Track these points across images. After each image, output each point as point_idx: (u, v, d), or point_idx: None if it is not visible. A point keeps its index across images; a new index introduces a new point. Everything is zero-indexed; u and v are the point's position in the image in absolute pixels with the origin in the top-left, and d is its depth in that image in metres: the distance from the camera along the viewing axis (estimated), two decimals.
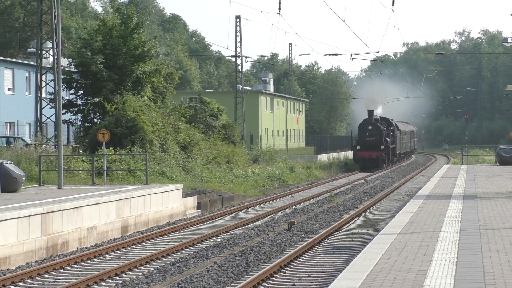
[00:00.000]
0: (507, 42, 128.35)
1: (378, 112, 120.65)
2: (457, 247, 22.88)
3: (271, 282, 25.18)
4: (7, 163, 41.99)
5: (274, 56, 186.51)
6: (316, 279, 25.22)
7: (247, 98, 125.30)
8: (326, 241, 34.05)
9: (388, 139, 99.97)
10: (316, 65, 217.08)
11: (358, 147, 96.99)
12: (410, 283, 17.52)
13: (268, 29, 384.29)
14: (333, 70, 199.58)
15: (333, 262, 27.97)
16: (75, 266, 28.96)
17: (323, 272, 26.46)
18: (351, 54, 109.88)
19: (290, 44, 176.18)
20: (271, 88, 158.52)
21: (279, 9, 73.81)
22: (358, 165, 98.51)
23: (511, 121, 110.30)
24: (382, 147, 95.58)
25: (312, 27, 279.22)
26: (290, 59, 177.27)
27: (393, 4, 73.67)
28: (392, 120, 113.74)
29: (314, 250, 31.51)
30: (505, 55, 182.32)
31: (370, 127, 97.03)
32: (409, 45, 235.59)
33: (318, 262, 28.68)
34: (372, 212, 45.88)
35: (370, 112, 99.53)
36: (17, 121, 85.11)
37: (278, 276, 26.11)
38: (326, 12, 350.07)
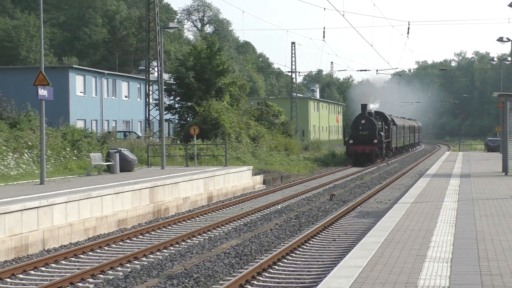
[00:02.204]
0: (493, 61, 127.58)
1: (374, 107, 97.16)
2: (456, 213, 22.75)
3: (318, 238, 25.14)
4: (124, 150, 42.32)
5: (319, 71, 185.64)
6: (351, 236, 25.14)
7: (300, 102, 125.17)
8: (358, 208, 33.92)
9: (383, 134, 77.54)
10: (350, 78, 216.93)
11: (351, 142, 74.38)
12: (420, 239, 17.47)
13: (315, 51, 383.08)
14: (363, 82, 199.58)
15: (363, 224, 27.85)
16: (174, 225, 29.07)
17: (356, 230, 26.37)
18: (377, 70, 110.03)
19: (332, 62, 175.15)
20: (317, 95, 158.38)
21: (323, 37, 76.44)
22: (351, 160, 75.56)
23: (496, 119, 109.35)
24: (375, 141, 73.65)
25: (348, 50, 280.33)
26: (332, 74, 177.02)
27: (408, 33, 76.28)
28: (390, 115, 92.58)
29: (349, 215, 31.39)
30: (492, 70, 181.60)
31: (363, 121, 74.67)
32: (419, 63, 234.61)
33: (352, 224, 28.58)
34: (393, 186, 45.66)
35: (364, 106, 77.04)
36: (131, 119, 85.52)
37: (323, 234, 26.07)
38: (358, 39, 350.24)
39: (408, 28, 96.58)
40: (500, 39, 62.88)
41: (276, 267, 20.02)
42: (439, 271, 13.59)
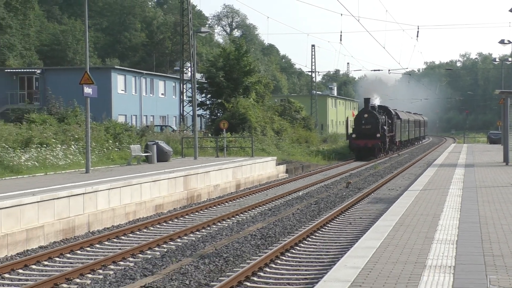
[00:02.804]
0: (495, 61, 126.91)
1: (377, 101, 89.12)
2: (461, 199, 22.67)
3: (336, 221, 25.11)
4: (161, 143, 42.40)
5: (337, 71, 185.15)
6: (365, 220, 25.10)
7: (319, 99, 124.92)
8: (372, 195, 33.84)
9: (386, 127, 69.64)
10: (365, 77, 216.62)
11: (353, 136, 67.12)
12: (428, 222, 17.43)
13: (333, 53, 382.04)
14: (375, 80, 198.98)
15: (376, 209, 27.79)
16: (206, 210, 29.13)
17: (370, 215, 26.32)
18: (389, 70, 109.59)
19: (348, 63, 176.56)
20: (335, 92, 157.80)
21: (340, 40, 74.79)
22: (353, 154, 68.64)
23: (498, 114, 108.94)
24: (378, 135, 66.32)
25: (363, 51, 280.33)
26: (348, 73, 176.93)
27: (417, 36, 78.06)
28: (395, 109, 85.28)
29: (364, 201, 31.33)
30: (494, 70, 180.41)
31: (366, 115, 67.49)
32: (428, 63, 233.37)
33: (366, 209, 28.52)
34: (403, 175, 45.52)
35: (366, 100, 69.96)
36: (167, 115, 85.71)
37: (340, 218, 26.04)
38: (372, 42, 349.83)
39: (418, 31, 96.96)
40: (502, 42, 62.45)
41: (298, 247, 20.04)
42: (445, 252, 13.58)
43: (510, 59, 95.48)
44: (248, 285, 15.69)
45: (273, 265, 17.71)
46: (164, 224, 25.32)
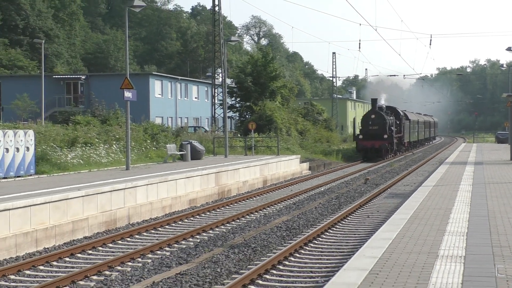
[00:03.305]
0: (503, 67, 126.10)
1: (383, 101, 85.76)
2: (470, 194, 22.56)
3: (355, 214, 25.05)
4: (194, 142, 42.49)
5: (355, 76, 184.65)
6: (382, 213, 25.00)
7: (339, 102, 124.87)
8: (388, 190, 33.73)
9: (394, 128, 63.49)
10: (382, 82, 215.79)
11: (360, 137, 61.34)
12: (440, 216, 17.36)
13: (352, 60, 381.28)
14: (391, 85, 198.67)
15: (392, 203, 27.69)
16: (235, 204, 29.13)
17: (386, 209, 26.22)
18: (404, 75, 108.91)
19: (366, 69, 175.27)
20: (354, 96, 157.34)
21: (359, 48, 74.67)
22: (360, 155, 62.71)
23: (505, 116, 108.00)
24: (386, 136, 60.41)
25: (379, 58, 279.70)
26: (366, 78, 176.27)
27: (430, 44, 76.07)
28: (404, 110, 79.49)
29: (381, 196, 31.23)
30: (501, 75, 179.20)
31: (373, 116, 61.62)
32: (440, 69, 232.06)
33: (383, 203, 28.43)
34: (417, 172, 45.32)
35: (374, 101, 64.50)
36: (200, 117, 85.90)
37: (359, 211, 25.97)
38: (388, 49, 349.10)
39: (430, 40, 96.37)
40: (509, 49, 61.93)
41: (320, 239, 20.02)
42: (456, 243, 13.52)
43: None
44: (274, 273, 15.69)
45: (297, 255, 17.70)
46: (197, 216, 25.37)
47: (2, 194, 20.87)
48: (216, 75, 74.31)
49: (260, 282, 14.81)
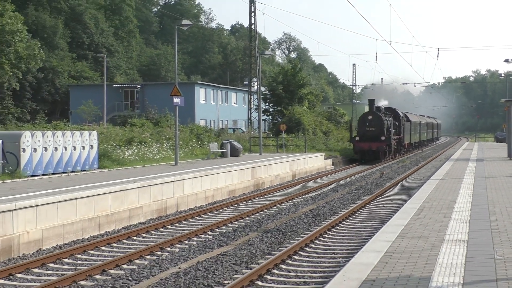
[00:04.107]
0: (501, 76, 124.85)
1: (384, 103, 77.49)
2: (473, 187, 22.37)
3: (371, 204, 24.94)
4: (233, 141, 42.56)
5: (373, 84, 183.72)
6: (395, 203, 24.85)
7: (358, 107, 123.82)
8: (401, 183, 33.54)
9: (393, 130, 54.78)
10: (396, 90, 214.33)
11: (357, 138, 52.61)
12: (446, 205, 17.25)
13: (369, 70, 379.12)
14: (404, 92, 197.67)
15: (404, 194, 27.53)
16: (268, 195, 29.15)
17: (399, 199, 26.06)
18: (415, 83, 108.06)
19: (382, 78, 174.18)
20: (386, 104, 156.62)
21: (376, 59, 75.24)
22: (357, 157, 53.62)
23: (503, 119, 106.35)
24: (383, 138, 51.69)
25: (394, 68, 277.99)
26: (382, 86, 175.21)
27: (437, 56, 76.43)
28: (406, 111, 71.41)
29: (394, 188, 31.06)
30: (499, 83, 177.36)
31: (370, 117, 52.58)
32: (446, 78, 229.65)
33: (396, 194, 28.27)
34: (426, 167, 45.02)
35: (371, 101, 55.11)
36: (238, 119, 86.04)
37: (375, 201, 25.84)
38: (401, 61, 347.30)
39: (438, 52, 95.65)
40: (506, 60, 61.25)
41: (341, 225, 19.97)
42: (460, 229, 13.44)
43: None
44: (302, 254, 15.69)
45: (322, 239, 17.67)
46: (236, 205, 25.42)
47: (71, 185, 21.11)
48: (252, 83, 74.37)
49: (290, 262, 14.81)
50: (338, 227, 19.51)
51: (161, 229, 19.66)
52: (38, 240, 16.74)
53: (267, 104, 67.75)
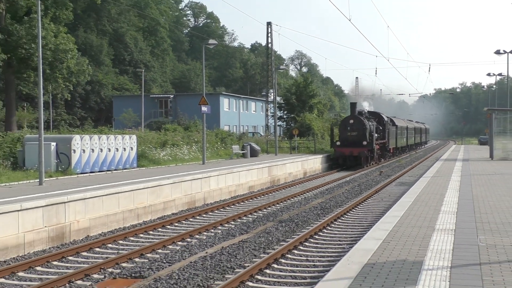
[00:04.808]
0: (484, 88, 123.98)
1: (365, 106, 69.31)
2: (459, 183, 22.21)
3: (371, 198, 24.80)
4: (252, 144, 42.48)
5: (373, 94, 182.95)
6: (393, 197, 24.70)
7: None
8: (397, 180, 33.36)
9: (376, 134, 46.19)
10: (392, 99, 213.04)
11: (338, 143, 44.03)
12: (436, 199, 17.13)
13: (370, 82, 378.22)
14: (400, 101, 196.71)
15: (400, 189, 27.39)
16: (283, 190, 29.06)
17: (396, 194, 25.91)
18: (409, 94, 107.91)
19: (381, 89, 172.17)
20: (372, 109, 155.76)
21: (376, 73, 74.41)
22: (339, 163, 43.85)
23: (485, 124, 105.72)
24: (365, 143, 43.53)
25: (391, 80, 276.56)
26: (381, 96, 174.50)
27: (429, 70, 75.75)
28: (394, 117, 63.64)
29: (391, 184, 30.90)
30: (482, 94, 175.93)
31: (351, 121, 44.41)
32: (436, 89, 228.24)
33: (393, 189, 28.11)
34: (419, 166, 44.73)
35: (353, 105, 46.76)
36: (257, 125, 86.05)
37: (375, 196, 25.70)
38: (397, 74, 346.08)
39: (429, 67, 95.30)
40: (488, 74, 60.93)
41: (346, 216, 19.90)
42: (448, 219, 13.37)
43: (494, 86, 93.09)
44: (311, 241, 15.66)
45: (329, 228, 17.63)
46: (255, 199, 25.41)
47: (114, 181, 21.23)
48: (268, 94, 74.42)
49: (301, 248, 14.80)
50: (343, 218, 19.45)
51: (191, 219, 19.70)
52: (86, 228, 16.86)
53: (281, 111, 67.67)
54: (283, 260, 13.38)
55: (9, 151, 26.79)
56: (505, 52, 44.15)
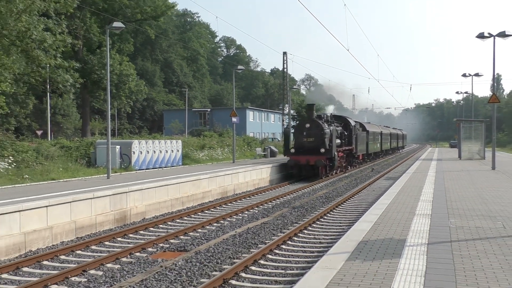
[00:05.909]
0: (453, 103, 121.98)
1: (330, 109, 54.11)
2: (434, 178, 21.93)
3: (365, 190, 24.54)
4: (272, 147, 42.34)
5: (366, 108, 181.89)
6: (382, 189, 24.39)
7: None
8: (386, 175, 33.03)
9: (339, 141, 31.55)
10: (382, 112, 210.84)
11: (292, 150, 29.19)
12: (417, 190, 16.92)
13: (364, 99, 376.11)
14: (387, 114, 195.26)
15: (388, 183, 27.09)
16: (295, 183, 28.95)
17: (384, 186, 25.59)
18: (395, 108, 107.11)
19: (372, 104, 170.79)
20: (365, 119, 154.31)
21: (368, 92, 73.74)
22: (294, 172, 28.92)
23: (455, 131, 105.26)
24: (323, 150, 28.20)
25: (380, 97, 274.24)
26: (373, 110, 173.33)
27: (410, 89, 74.70)
28: (367, 122, 51.78)
29: (381, 179, 30.58)
30: (452, 107, 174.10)
31: (307, 125, 28.68)
32: (416, 104, 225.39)
33: (382, 183, 27.83)
34: (403, 165, 44.24)
35: (310, 106, 29.58)
36: (275, 132, 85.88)
37: (368, 188, 25.42)
38: (385, 93, 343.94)
39: (411, 87, 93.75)
40: (457, 92, 60.09)
41: (345, 203, 19.76)
42: (426, 206, 13.22)
43: (461, 102, 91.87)
44: (318, 223, 15.59)
45: (332, 213, 17.52)
46: (274, 190, 25.31)
47: (164, 176, 21.34)
48: (284, 108, 74.28)
49: (310, 228, 14.73)
50: (342, 205, 19.32)
51: (224, 206, 19.72)
52: (143, 212, 16.98)
53: (294, 121, 67.36)
54: (296, 238, 13.34)
55: (85, 152, 27.15)
56: (470, 75, 43.65)
